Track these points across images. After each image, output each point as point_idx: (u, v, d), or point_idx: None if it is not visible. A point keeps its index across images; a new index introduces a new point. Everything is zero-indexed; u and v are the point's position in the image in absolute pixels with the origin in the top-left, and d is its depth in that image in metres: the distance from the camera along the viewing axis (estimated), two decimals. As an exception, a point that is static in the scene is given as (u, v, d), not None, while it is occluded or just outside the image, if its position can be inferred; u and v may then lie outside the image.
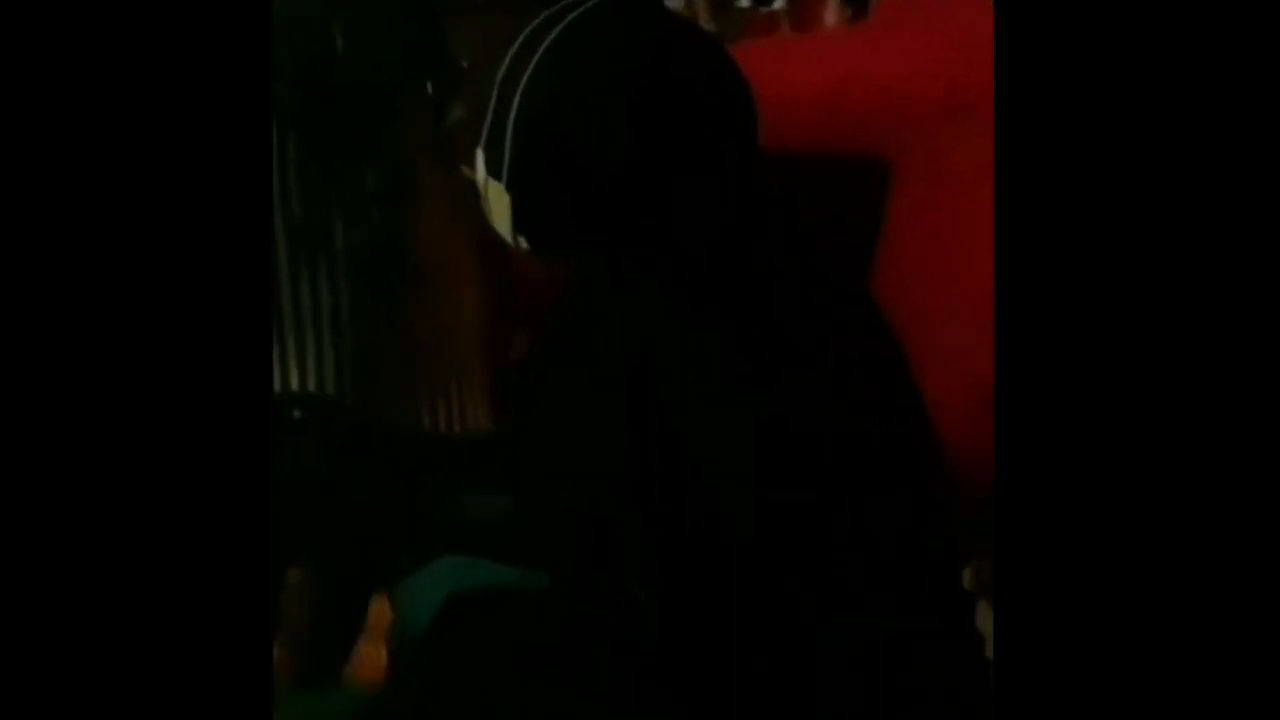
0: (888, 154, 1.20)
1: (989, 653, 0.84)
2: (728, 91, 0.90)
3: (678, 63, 0.89)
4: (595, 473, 0.87)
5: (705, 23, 1.49)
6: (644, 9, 0.94)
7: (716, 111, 0.89)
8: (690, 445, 0.85)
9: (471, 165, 0.94)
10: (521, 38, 0.88)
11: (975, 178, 1.08)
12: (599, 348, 0.89)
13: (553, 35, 0.87)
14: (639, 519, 0.85)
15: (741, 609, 0.85)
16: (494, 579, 0.88)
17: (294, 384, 1.57)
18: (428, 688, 0.86)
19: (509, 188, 0.88)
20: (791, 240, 0.98)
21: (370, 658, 1.08)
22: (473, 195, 1.14)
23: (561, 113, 0.86)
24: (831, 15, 1.92)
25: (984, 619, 0.86)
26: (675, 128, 0.87)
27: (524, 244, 0.90)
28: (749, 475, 0.85)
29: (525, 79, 0.85)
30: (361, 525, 1.28)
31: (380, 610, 1.09)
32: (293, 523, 1.27)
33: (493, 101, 0.87)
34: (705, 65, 0.90)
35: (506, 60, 0.87)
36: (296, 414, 1.52)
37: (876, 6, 1.41)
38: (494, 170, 0.88)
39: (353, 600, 1.15)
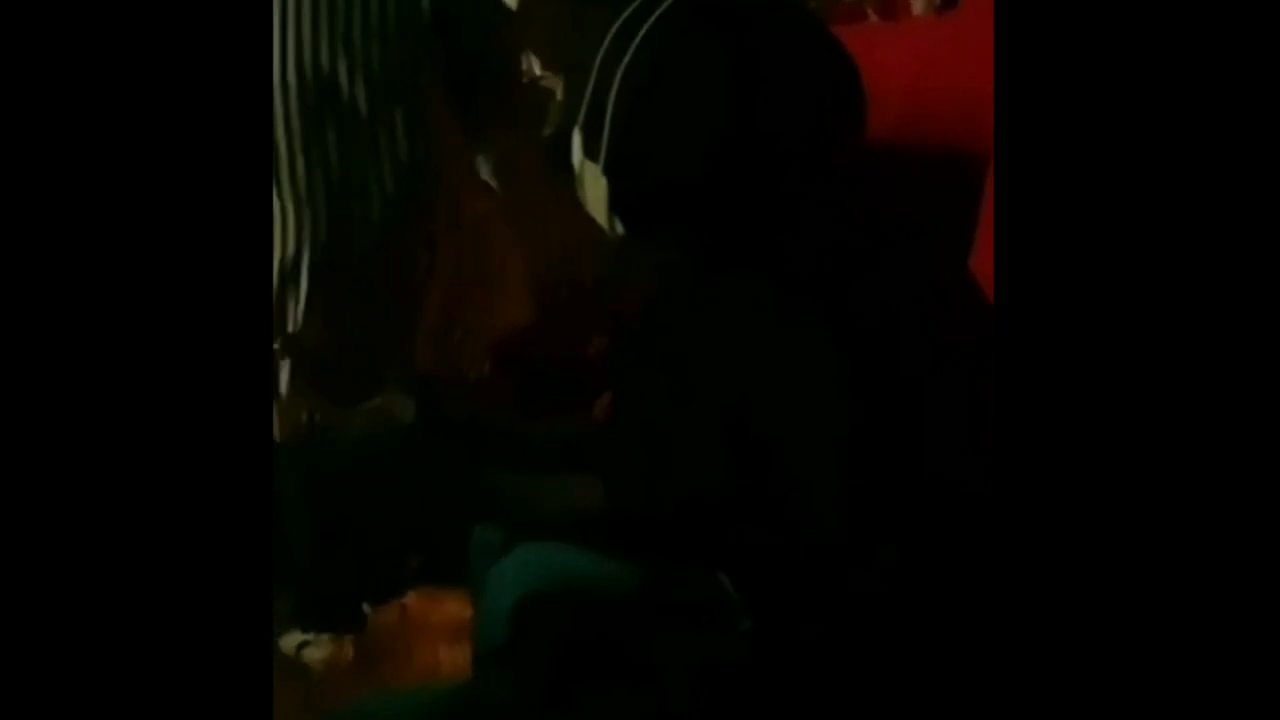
0: (984, 137, 1.25)
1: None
2: (833, 74, 0.89)
3: (782, 44, 0.88)
4: (691, 471, 0.85)
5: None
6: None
7: (821, 94, 0.88)
8: (787, 447, 0.83)
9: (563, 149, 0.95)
10: (621, 19, 0.87)
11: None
12: (696, 342, 0.88)
13: (655, 16, 0.86)
14: (734, 518, 0.83)
15: (831, 612, 0.83)
16: (579, 570, 0.86)
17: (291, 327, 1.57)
18: (509, 689, 0.83)
19: (606, 170, 0.87)
20: (895, 228, 0.96)
21: (452, 658, 1.08)
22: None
23: (663, 93, 0.86)
24: (919, 4, 1.94)
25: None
26: (778, 109, 0.86)
27: (619, 228, 0.90)
28: (840, 481, 0.83)
29: (627, 60, 0.85)
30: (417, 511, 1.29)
31: (460, 607, 1.09)
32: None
33: (591, 83, 0.88)
34: (810, 47, 0.89)
35: (606, 42, 0.87)
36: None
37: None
38: (591, 152, 0.88)
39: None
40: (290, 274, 1.50)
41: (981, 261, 0.99)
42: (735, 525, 0.83)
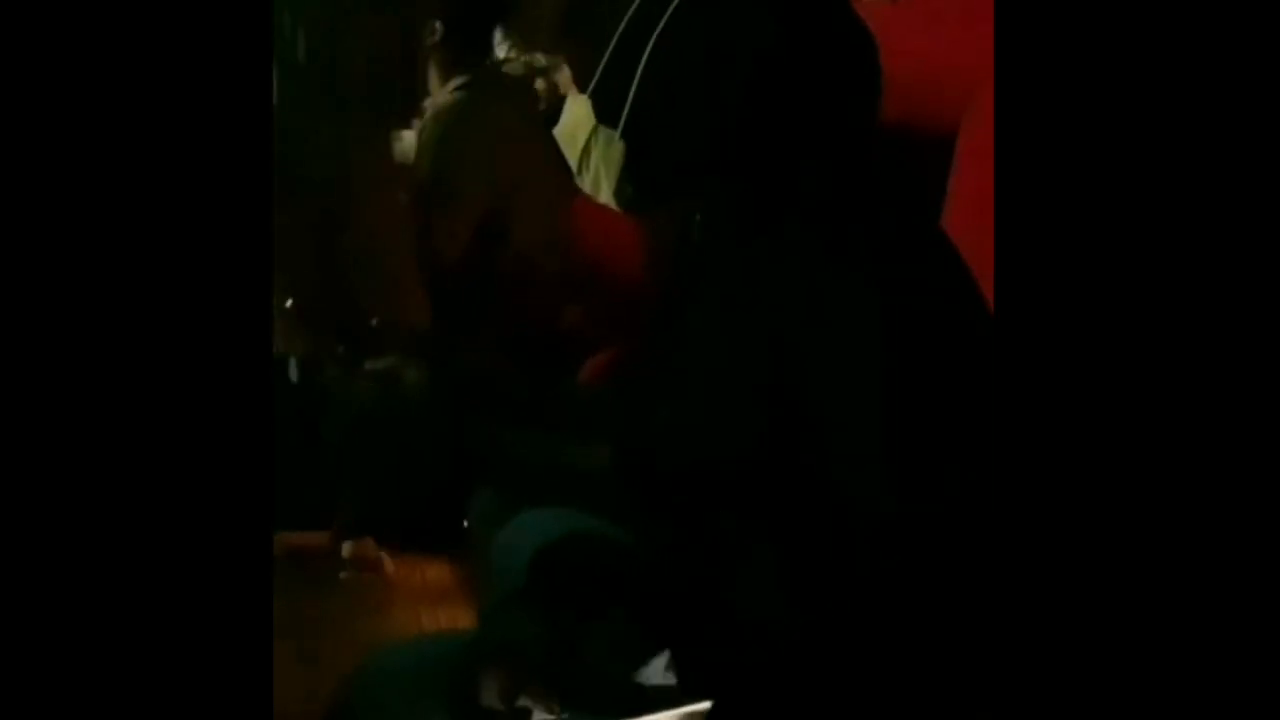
0: (953, 112, 1.37)
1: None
2: (855, 46, 0.90)
3: (808, 21, 0.88)
4: (728, 429, 0.85)
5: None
6: None
7: (843, 70, 0.89)
8: (826, 404, 0.82)
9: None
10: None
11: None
12: (731, 305, 0.87)
13: None
14: (764, 487, 0.83)
15: (870, 585, 0.81)
16: (585, 527, 0.94)
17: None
18: (528, 630, 0.89)
19: (624, 134, 0.87)
20: (905, 193, 0.95)
21: (433, 618, 1.16)
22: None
23: (691, 64, 0.86)
24: None
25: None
26: (802, 83, 0.87)
27: (628, 193, 0.92)
28: (881, 448, 0.81)
29: (659, 33, 0.85)
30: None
31: (440, 573, 1.18)
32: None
33: (609, 53, 0.88)
34: (835, 26, 0.90)
35: (628, 16, 0.87)
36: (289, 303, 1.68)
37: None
38: (607, 117, 0.88)
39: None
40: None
41: (981, 263, 0.90)
42: (770, 483, 0.83)
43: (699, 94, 0.86)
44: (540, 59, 1.76)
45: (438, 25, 1.75)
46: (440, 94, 1.76)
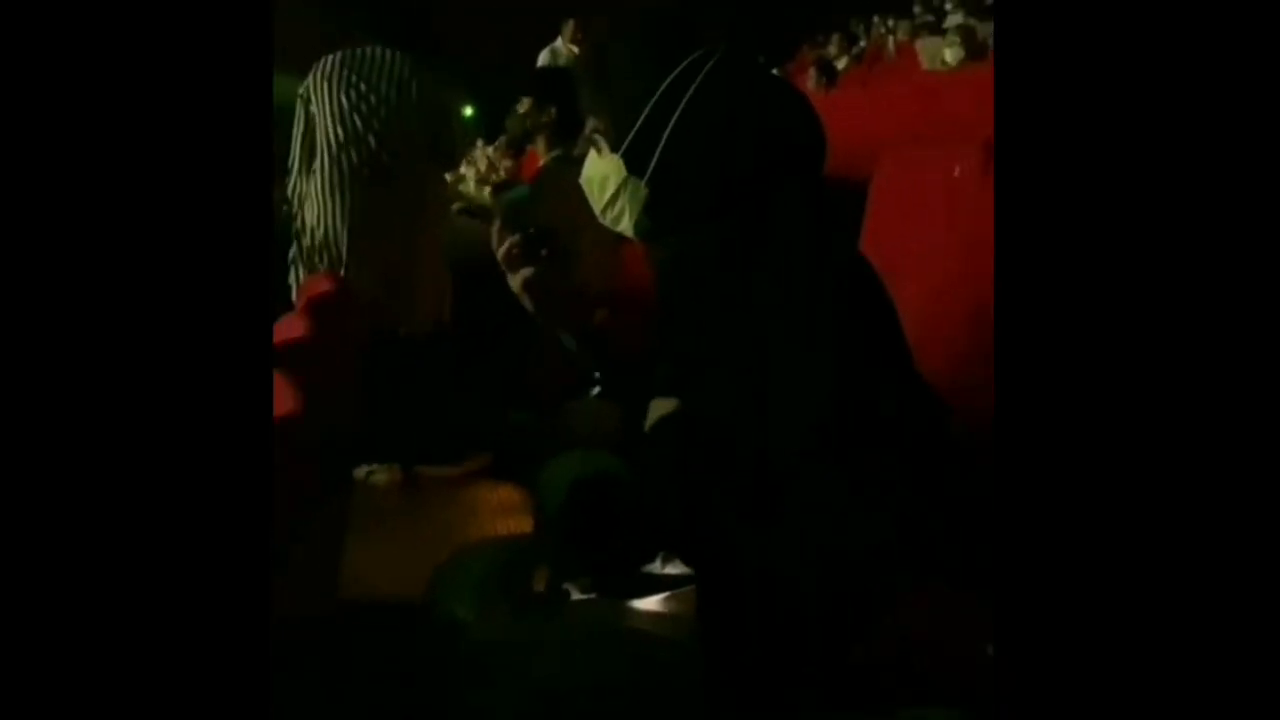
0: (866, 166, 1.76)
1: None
2: (808, 123, 1.23)
3: (780, 102, 1.22)
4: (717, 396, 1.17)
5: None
6: (756, 70, 1.27)
7: (801, 134, 1.22)
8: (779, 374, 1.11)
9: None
10: (673, 76, 1.18)
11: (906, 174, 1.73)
12: (720, 307, 1.18)
13: (700, 78, 1.18)
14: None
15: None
16: (609, 466, 1.27)
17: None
18: (564, 545, 1.22)
19: (649, 183, 1.20)
20: (845, 224, 1.29)
21: (506, 527, 1.48)
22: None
23: (717, 129, 1.17)
24: (810, 82, 2.75)
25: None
26: (779, 144, 1.19)
27: (645, 226, 1.23)
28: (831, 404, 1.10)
29: (683, 105, 1.17)
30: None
31: (510, 495, 1.50)
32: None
33: (643, 118, 1.19)
34: (793, 102, 1.24)
35: (659, 92, 1.18)
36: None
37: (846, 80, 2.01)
38: (636, 169, 1.21)
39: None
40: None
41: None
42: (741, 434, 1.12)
43: (707, 155, 1.18)
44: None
45: (553, 110, 2.70)
46: (545, 158, 2.76)
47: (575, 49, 3.61)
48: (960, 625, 1.05)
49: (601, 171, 1.24)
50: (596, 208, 1.26)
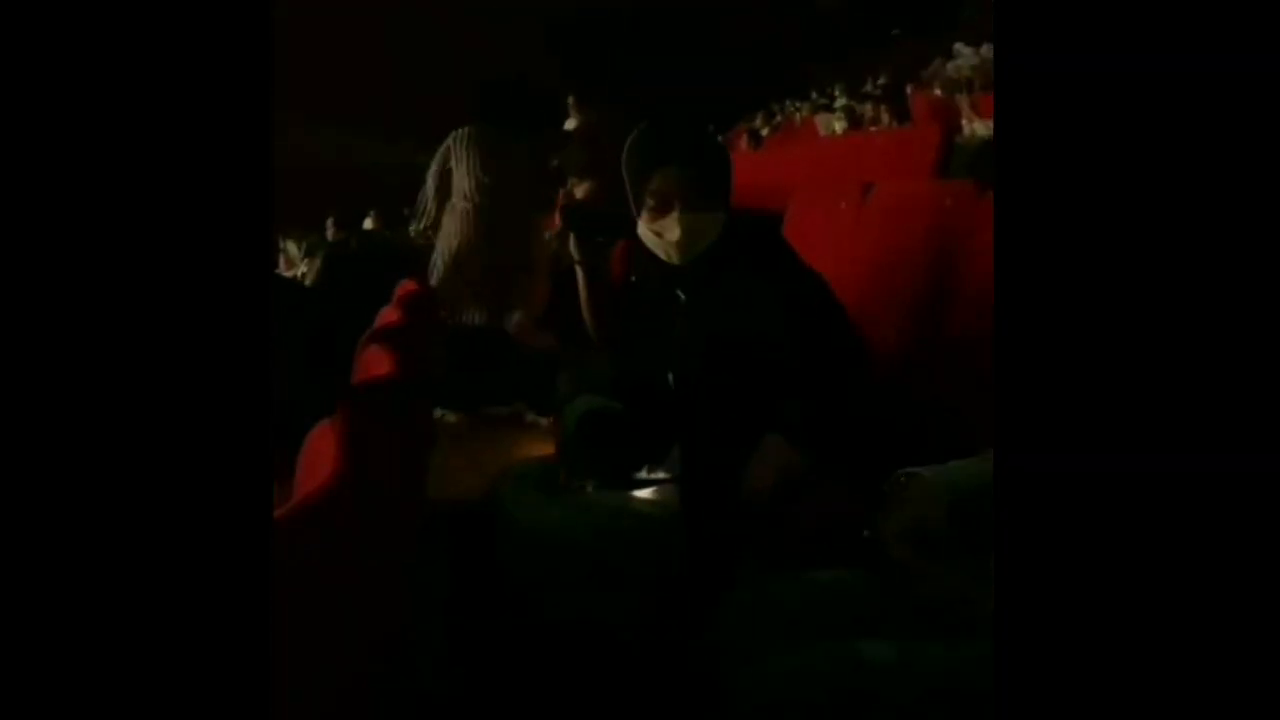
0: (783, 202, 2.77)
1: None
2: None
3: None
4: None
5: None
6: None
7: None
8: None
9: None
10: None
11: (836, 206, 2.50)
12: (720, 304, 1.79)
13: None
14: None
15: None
16: (607, 408, 1.86)
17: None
18: (575, 462, 1.80)
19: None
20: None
21: (544, 449, 2.02)
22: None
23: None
24: (743, 144, 4.69)
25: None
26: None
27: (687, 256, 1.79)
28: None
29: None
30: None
31: (550, 424, 2.04)
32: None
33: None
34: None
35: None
36: (353, 243, 3.52)
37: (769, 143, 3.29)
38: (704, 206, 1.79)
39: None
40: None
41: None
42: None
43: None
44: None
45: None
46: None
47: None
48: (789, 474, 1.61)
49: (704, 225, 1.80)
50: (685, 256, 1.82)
